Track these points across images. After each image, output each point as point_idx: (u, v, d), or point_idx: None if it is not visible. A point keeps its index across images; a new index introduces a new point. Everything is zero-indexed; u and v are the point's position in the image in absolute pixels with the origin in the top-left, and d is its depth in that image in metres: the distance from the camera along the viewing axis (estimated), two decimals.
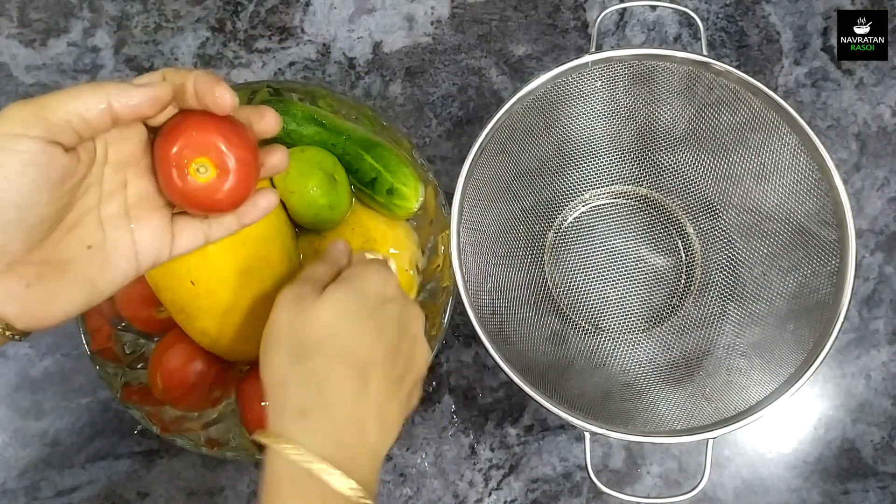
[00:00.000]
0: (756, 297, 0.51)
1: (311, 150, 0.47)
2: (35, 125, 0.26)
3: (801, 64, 0.61)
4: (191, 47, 0.60)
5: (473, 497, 0.54)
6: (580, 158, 0.55)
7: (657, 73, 0.48)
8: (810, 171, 0.46)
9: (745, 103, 0.47)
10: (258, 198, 0.35)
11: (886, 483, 0.55)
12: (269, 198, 0.35)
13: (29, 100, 0.27)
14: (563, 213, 0.56)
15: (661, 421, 0.46)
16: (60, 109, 0.27)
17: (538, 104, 0.48)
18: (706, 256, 0.54)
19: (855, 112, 0.60)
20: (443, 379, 0.56)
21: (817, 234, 0.46)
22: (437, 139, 0.59)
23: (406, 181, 0.48)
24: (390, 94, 0.60)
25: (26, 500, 0.54)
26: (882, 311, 0.57)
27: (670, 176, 0.55)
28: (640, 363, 0.53)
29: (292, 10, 0.61)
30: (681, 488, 0.54)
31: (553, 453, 0.55)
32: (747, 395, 0.44)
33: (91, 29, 0.61)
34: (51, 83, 0.59)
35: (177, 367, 0.46)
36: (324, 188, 0.46)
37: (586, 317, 0.55)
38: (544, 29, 0.61)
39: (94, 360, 0.47)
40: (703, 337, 0.52)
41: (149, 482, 0.54)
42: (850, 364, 0.56)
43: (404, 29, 0.61)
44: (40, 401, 0.55)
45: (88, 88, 0.28)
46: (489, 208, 0.50)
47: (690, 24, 0.61)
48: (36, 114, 0.27)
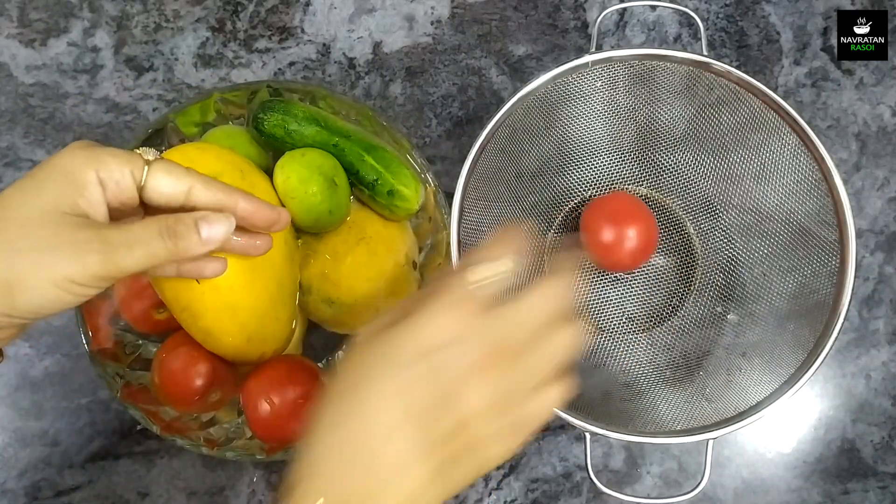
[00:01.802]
0: (756, 296, 0.51)
1: (311, 153, 0.47)
2: (106, 281, 0.30)
3: (801, 64, 0.61)
4: (191, 47, 0.60)
5: (473, 497, 0.54)
6: (580, 158, 0.55)
7: (657, 73, 0.48)
8: (810, 171, 0.46)
9: (745, 103, 0.47)
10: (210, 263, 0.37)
11: (886, 483, 0.55)
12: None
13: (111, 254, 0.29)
14: (564, 213, 0.56)
15: (661, 421, 0.46)
16: (132, 269, 0.30)
17: (538, 104, 0.48)
18: (706, 256, 0.54)
19: (855, 112, 0.60)
20: None
21: (817, 234, 0.46)
22: (437, 139, 0.59)
23: (406, 183, 0.48)
24: (390, 94, 0.60)
25: (26, 500, 0.54)
26: (882, 311, 0.57)
27: (670, 176, 0.55)
28: (640, 363, 0.53)
29: (292, 10, 0.61)
30: (681, 488, 0.54)
31: (553, 453, 0.55)
32: (747, 395, 0.44)
33: (91, 29, 0.61)
34: (51, 83, 0.59)
35: (180, 370, 0.46)
36: (324, 193, 0.46)
37: (586, 317, 0.55)
38: (544, 29, 0.61)
39: (94, 360, 0.47)
40: (703, 337, 0.52)
41: (149, 482, 0.54)
42: (850, 364, 0.56)
43: (404, 29, 0.61)
44: (40, 401, 0.55)
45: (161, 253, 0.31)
46: (489, 208, 0.50)
47: (690, 24, 0.61)
48: (112, 275, 0.30)
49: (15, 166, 0.58)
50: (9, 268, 0.28)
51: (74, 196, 0.30)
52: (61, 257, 0.29)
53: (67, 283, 0.29)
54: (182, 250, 0.31)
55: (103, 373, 0.47)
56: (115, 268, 0.29)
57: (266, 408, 0.45)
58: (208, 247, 0.32)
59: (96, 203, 0.31)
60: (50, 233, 0.29)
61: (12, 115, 0.59)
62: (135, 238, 0.30)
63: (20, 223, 0.29)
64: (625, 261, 0.52)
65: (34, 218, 0.29)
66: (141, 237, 0.30)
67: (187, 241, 0.31)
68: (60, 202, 0.30)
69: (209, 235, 0.32)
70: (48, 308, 0.30)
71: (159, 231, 0.31)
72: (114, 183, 0.31)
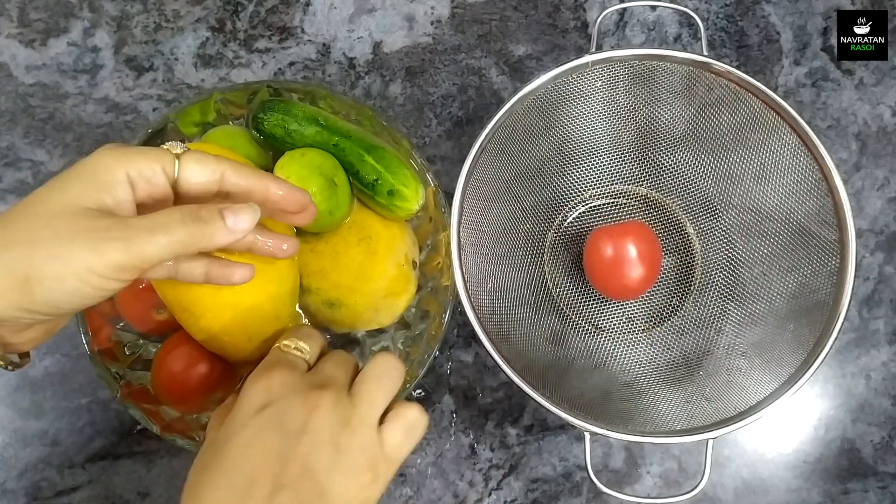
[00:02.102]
0: (756, 297, 0.51)
1: (311, 153, 0.47)
2: (129, 273, 0.29)
3: (801, 64, 0.61)
4: (191, 47, 0.60)
5: (473, 497, 0.54)
6: (580, 158, 0.55)
7: (657, 73, 0.48)
8: (810, 171, 0.46)
9: (745, 103, 0.47)
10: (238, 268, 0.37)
11: (886, 483, 0.55)
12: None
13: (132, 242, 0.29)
14: (563, 213, 0.56)
15: (661, 421, 0.46)
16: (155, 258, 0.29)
17: (538, 104, 0.48)
18: (706, 256, 0.54)
19: (855, 112, 0.60)
20: (443, 379, 0.56)
21: (817, 234, 0.46)
22: (437, 139, 0.59)
23: (407, 183, 0.48)
24: (390, 94, 0.60)
25: (26, 500, 0.54)
26: (882, 311, 0.57)
27: (670, 176, 0.55)
28: (640, 363, 0.53)
29: (292, 10, 0.61)
30: (681, 488, 0.54)
31: (553, 453, 0.55)
32: (747, 395, 0.44)
33: (91, 29, 0.61)
34: (51, 83, 0.59)
35: (180, 370, 0.46)
36: (324, 194, 0.46)
37: (586, 317, 0.55)
38: (544, 29, 0.61)
39: (94, 360, 0.47)
40: (703, 337, 0.52)
41: (149, 482, 0.54)
42: (850, 364, 0.56)
43: (404, 29, 0.61)
44: (40, 401, 0.55)
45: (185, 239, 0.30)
46: (489, 208, 0.50)
47: (690, 24, 0.61)
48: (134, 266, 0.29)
49: (15, 166, 0.58)
50: (27, 259, 0.28)
51: (100, 193, 0.29)
52: (80, 246, 0.28)
53: (87, 274, 0.28)
54: (207, 237, 0.30)
55: (103, 373, 0.47)
56: (137, 256, 0.28)
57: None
58: (235, 235, 0.31)
59: (124, 202, 0.30)
60: (69, 223, 0.28)
61: (12, 115, 0.59)
62: (156, 223, 0.29)
63: (40, 216, 0.28)
64: (628, 293, 0.52)
65: (55, 212, 0.28)
66: (163, 223, 0.29)
67: (212, 226, 0.30)
68: (85, 198, 0.29)
69: (234, 224, 0.31)
70: (68, 302, 0.29)
71: (182, 217, 0.30)
72: (145, 181, 0.31)
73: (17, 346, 0.32)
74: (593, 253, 0.51)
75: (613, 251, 0.50)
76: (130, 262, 0.28)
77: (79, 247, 0.28)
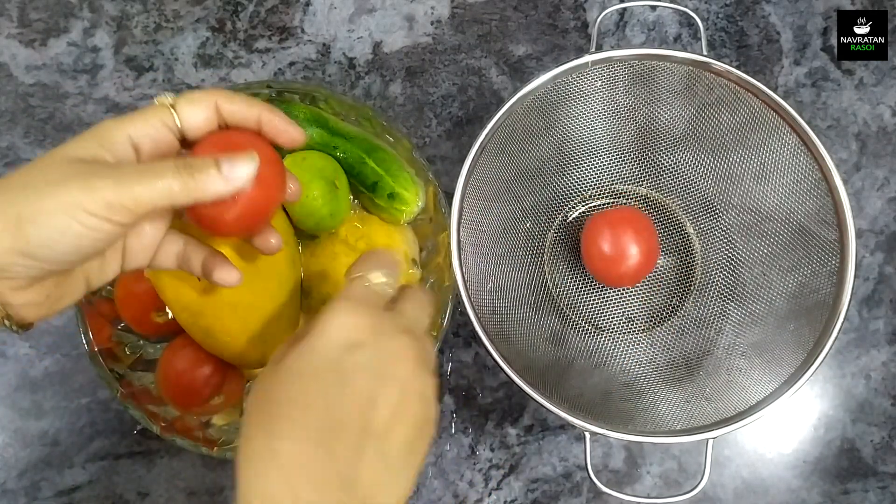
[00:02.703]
0: (756, 296, 0.51)
1: (312, 156, 0.47)
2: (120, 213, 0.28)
3: (801, 64, 0.61)
4: (191, 47, 0.60)
5: (473, 497, 0.54)
6: (580, 158, 0.55)
7: (657, 73, 0.48)
8: (810, 171, 0.46)
9: (745, 103, 0.47)
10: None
11: (886, 483, 0.55)
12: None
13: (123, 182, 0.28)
14: (563, 213, 0.56)
15: (661, 421, 0.46)
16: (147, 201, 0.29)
17: (538, 104, 0.48)
18: (706, 256, 0.54)
19: (855, 112, 0.60)
20: (443, 379, 0.56)
21: (817, 234, 0.46)
22: (437, 139, 0.59)
23: (407, 186, 0.48)
24: (390, 95, 0.60)
25: (26, 500, 0.54)
26: (882, 311, 0.57)
27: (670, 176, 0.55)
28: (640, 363, 0.53)
29: (292, 10, 0.61)
30: (681, 488, 0.54)
31: (553, 453, 0.55)
32: (747, 395, 0.44)
33: (91, 29, 0.61)
34: (51, 83, 0.59)
35: (184, 372, 0.46)
36: (325, 197, 0.46)
37: (586, 317, 0.55)
38: (544, 29, 0.61)
39: (94, 360, 0.47)
40: (703, 337, 0.52)
41: (149, 482, 0.54)
42: (850, 364, 0.56)
43: (404, 29, 0.61)
44: (40, 401, 0.55)
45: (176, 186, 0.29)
46: (489, 208, 0.50)
47: (690, 24, 0.61)
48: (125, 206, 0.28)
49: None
50: (22, 200, 0.28)
51: (100, 150, 0.30)
52: (71, 185, 0.28)
53: (77, 210, 0.27)
54: (201, 185, 0.30)
55: (103, 373, 0.47)
56: (127, 195, 0.28)
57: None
58: (230, 184, 0.31)
59: (125, 160, 0.31)
60: (62, 169, 0.28)
61: (12, 115, 0.59)
62: (148, 167, 0.30)
63: (36, 166, 0.29)
64: (625, 280, 0.52)
65: (50, 162, 0.29)
66: (155, 168, 0.29)
67: (205, 173, 0.30)
68: (83, 152, 0.29)
69: (230, 171, 0.31)
70: (61, 242, 0.28)
71: (175, 165, 0.30)
72: (150, 140, 0.31)
73: (18, 309, 0.31)
74: (591, 239, 0.51)
75: (611, 236, 0.50)
76: (120, 200, 0.28)
77: (70, 186, 0.28)
